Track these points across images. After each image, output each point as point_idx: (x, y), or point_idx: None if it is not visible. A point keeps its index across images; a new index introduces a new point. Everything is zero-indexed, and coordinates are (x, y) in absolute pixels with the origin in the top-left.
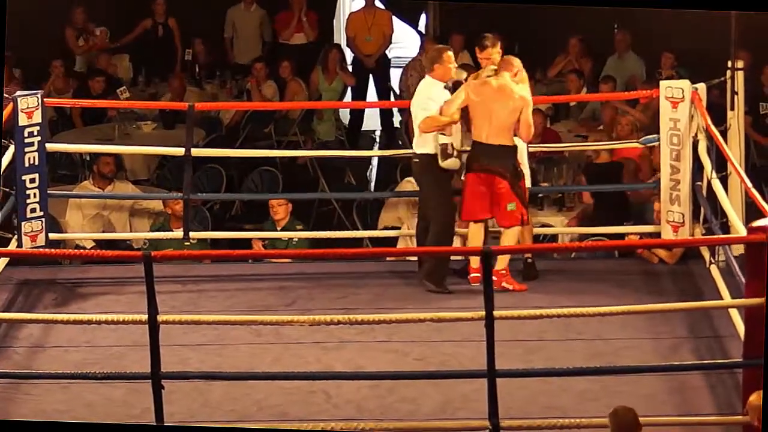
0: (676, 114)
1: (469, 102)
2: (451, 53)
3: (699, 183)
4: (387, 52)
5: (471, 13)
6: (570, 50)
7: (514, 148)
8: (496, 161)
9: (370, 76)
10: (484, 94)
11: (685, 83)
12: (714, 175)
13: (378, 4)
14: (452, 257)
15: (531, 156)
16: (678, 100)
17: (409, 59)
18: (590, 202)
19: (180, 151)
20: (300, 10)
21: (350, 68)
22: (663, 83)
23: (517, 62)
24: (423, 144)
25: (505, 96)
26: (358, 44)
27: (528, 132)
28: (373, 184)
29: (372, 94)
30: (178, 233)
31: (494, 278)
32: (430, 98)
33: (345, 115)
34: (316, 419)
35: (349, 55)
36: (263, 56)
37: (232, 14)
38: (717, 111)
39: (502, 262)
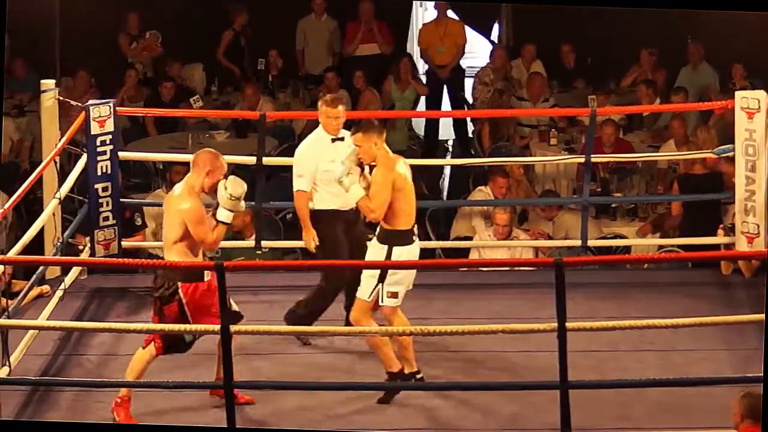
0: (751, 125)
1: None
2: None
3: None
4: (461, 62)
5: (544, 23)
6: (642, 62)
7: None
8: (162, 281)
9: (445, 86)
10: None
11: (761, 94)
12: None
13: (451, 14)
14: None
15: (604, 166)
16: (754, 110)
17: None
18: (679, 213)
19: (252, 160)
20: (369, 20)
21: (424, 79)
22: (738, 93)
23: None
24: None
25: (170, 207)
26: (430, 55)
27: (205, 246)
28: (445, 194)
29: (446, 103)
30: (250, 242)
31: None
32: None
33: (418, 125)
34: (388, 429)
35: (423, 66)
36: (335, 66)
37: (303, 25)
38: None
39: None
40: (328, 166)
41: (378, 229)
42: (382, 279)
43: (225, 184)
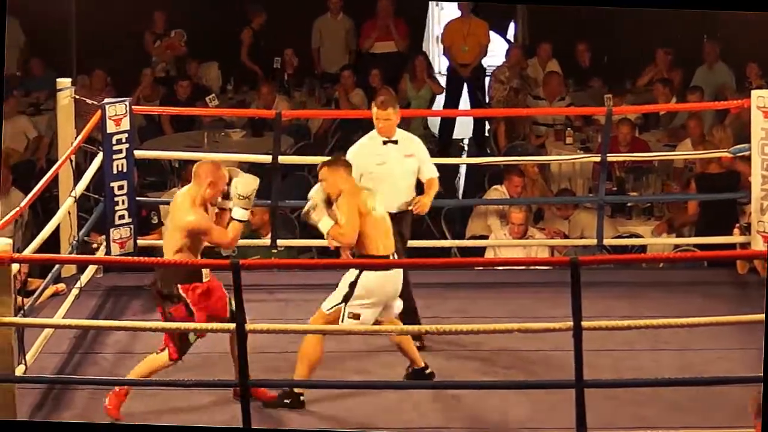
0: (767, 123)
1: None
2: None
3: None
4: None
5: (559, 22)
6: (658, 61)
7: (177, 272)
8: (161, 284)
9: (465, 84)
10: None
11: None
12: None
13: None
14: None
15: (620, 165)
16: None
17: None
18: (695, 212)
19: (268, 158)
20: (387, 17)
21: (446, 76)
22: (755, 93)
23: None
24: None
25: (173, 217)
26: (454, 53)
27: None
28: (461, 192)
29: (466, 102)
30: (266, 241)
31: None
32: None
33: (433, 124)
34: (404, 428)
35: (438, 64)
36: (351, 64)
37: (319, 24)
38: None
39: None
40: (375, 169)
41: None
42: (346, 299)
43: (236, 183)
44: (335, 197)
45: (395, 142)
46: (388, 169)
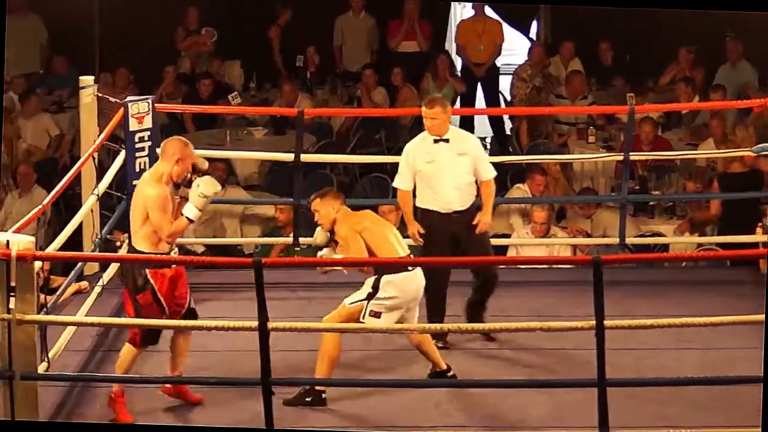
0: None
1: None
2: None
3: None
4: (496, 60)
5: (582, 21)
6: (680, 60)
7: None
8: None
9: (479, 83)
10: None
11: None
12: None
13: (489, 12)
14: None
15: (643, 163)
16: None
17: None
18: (717, 212)
19: (290, 156)
20: (413, 18)
21: (459, 75)
22: None
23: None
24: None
25: (137, 191)
26: (468, 53)
27: (162, 235)
28: None
29: (480, 101)
30: (289, 239)
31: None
32: None
33: (453, 122)
34: (426, 426)
35: (458, 63)
36: (373, 63)
37: (341, 22)
38: None
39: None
40: (424, 167)
41: None
42: (369, 298)
43: (198, 181)
44: (330, 227)
45: (446, 140)
46: (437, 167)
